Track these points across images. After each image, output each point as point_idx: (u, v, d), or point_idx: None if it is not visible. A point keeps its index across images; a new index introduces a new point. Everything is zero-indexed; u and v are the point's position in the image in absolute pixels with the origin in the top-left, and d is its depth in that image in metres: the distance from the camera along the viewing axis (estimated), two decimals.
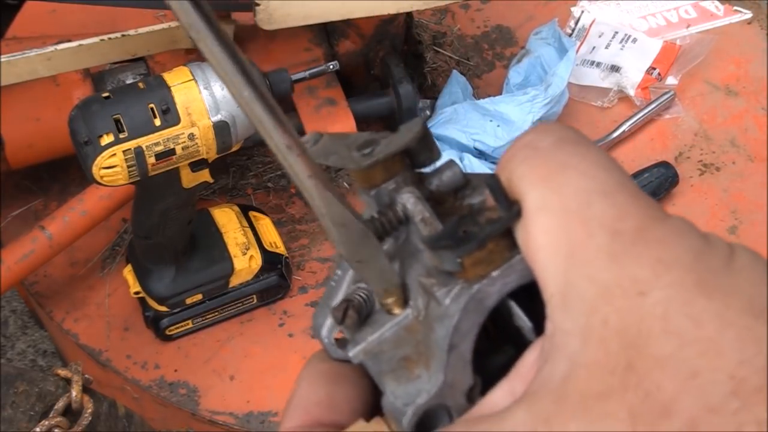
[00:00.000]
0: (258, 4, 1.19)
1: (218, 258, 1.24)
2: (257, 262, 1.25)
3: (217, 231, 1.25)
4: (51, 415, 0.92)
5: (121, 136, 1.00)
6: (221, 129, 1.04)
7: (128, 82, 1.27)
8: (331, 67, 1.26)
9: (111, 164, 1.01)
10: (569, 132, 0.36)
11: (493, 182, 0.35)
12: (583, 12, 1.60)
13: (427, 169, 0.40)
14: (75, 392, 0.94)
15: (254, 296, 1.27)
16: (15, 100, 1.23)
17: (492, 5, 1.66)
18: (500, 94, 1.49)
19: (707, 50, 1.55)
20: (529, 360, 0.34)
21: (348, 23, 1.36)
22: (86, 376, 0.96)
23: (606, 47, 1.54)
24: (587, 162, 0.34)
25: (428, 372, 0.36)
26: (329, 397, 0.40)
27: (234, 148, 1.08)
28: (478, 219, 0.36)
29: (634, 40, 1.55)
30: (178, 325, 1.25)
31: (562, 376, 0.32)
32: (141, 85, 1.03)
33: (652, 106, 1.49)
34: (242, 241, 1.25)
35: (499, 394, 0.35)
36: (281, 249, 1.29)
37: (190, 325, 1.26)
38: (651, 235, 0.32)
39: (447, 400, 0.36)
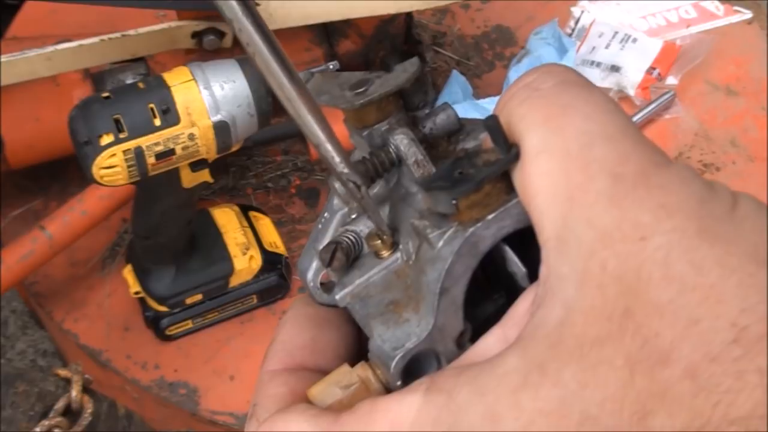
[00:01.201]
0: (258, 4, 1.19)
1: (218, 258, 1.24)
2: (257, 262, 1.25)
3: (217, 231, 1.25)
4: (51, 415, 0.92)
5: (121, 136, 1.00)
6: (221, 129, 1.04)
7: (128, 82, 1.27)
8: (331, 67, 1.26)
9: (111, 164, 1.00)
10: (572, 74, 0.35)
11: (492, 123, 0.34)
12: (583, 12, 1.59)
13: (421, 113, 0.39)
14: (75, 392, 0.94)
15: (254, 296, 1.27)
16: (15, 100, 1.23)
17: (492, 5, 1.66)
18: (500, 94, 1.48)
19: (707, 50, 1.55)
20: (522, 306, 0.34)
21: (348, 23, 1.36)
22: (86, 376, 0.96)
23: (606, 47, 1.54)
24: (590, 105, 0.33)
25: (418, 315, 0.36)
26: (313, 342, 0.40)
27: (234, 148, 1.07)
28: (475, 161, 0.35)
29: (634, 40, 1.55)
30: (178, 325, 1.25)
31: (557, 322, 0.31)
32: (141, 85, 1.03)
33: (652, 106, 1.49)
34: (242, 241, 1.25)
35: (491, 340, 0.34)
36: (281, 249, 1.29)
37: (190, 325, 1.26)
38: (653, 180, 0.31)
39: (437, 345, 0.35)
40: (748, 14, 1.64)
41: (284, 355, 0.39)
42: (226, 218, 1.27)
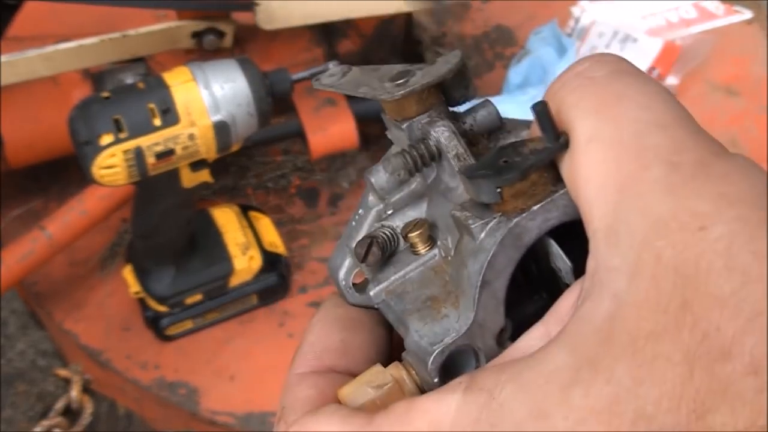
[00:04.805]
0: (258, 4, 1.19)
1: (218, 258, 1.24)
2: (257, 262, 1.25)
3: (217, 231, 1.25)
4: (51, 416, 0.93)
5: (121, 136, 1.00)
6: (221, 129, 1.04)
7: (128, 82, 1.27)
8: (331, 66, 1.26)
9: (111, 164, 1.01)
10: (625, 64, 0.34)
11: (541, 109, 0.33)
12: (583, 12, 1.59)
13: (461, 109, 0.38)
14: (75, 392, 0.94)
15: (254, 296, 1.27)
16: (15, 100, 1.23)
17: (492, 5, 1.66)
18: (500, 94, 1.49)
19: (708, 50, 1.55)
20: (567, 302, 0.32)
21: (348, 23, 1.36)
22: (86, 376, 0.96)
23: (606, 47, 1.54)
24: (645, 94, 0.32)
25: (457, 311, 0.35)
26: (343, 344, 0.38)
27: (234, 148, 1.08)
28: (521, 149, 0.34)
29: (635, 40, 1.55)
30: (177, 325, 1.25)
31: (607, 315, 0.30)
32: (141, 85, 1.03)
33: None
34: (242, 241, 1.25)
35: (534, 337, 0.33)
36: (281, 249, 1.29)
37: (190, 325, 1.26)
38: (713, 169, 0.30)
39: (476, 342, 0.34)
40: (748, 14, 1.64)
41: (312, 358, 0.38)
42: (226, 218, 1.27)
